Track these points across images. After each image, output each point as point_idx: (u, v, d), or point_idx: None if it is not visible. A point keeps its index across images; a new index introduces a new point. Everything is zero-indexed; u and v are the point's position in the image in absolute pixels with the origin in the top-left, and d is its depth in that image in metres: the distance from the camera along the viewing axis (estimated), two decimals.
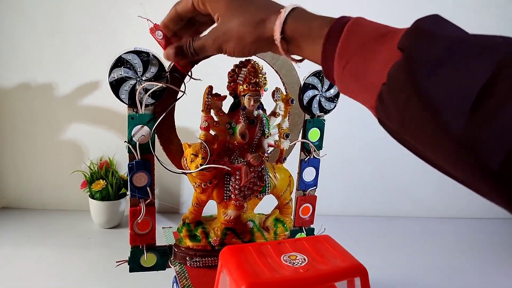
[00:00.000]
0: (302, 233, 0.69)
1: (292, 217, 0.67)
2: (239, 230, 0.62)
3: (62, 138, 1.03)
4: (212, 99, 0.56)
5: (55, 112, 1.01)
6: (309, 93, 0.63)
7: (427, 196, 1.18)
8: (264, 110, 0.60)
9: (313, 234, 0.71)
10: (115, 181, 0.95)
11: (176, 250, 0.60)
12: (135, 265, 0.59)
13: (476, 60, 0.25)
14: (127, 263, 0.58)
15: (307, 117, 0.65)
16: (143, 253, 0.58)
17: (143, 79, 0.52)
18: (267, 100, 0.61)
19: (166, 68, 0.53)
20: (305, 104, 0.64)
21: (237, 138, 0.57)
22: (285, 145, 0.62)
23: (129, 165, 0.54)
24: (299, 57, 0.41)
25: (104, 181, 0.94)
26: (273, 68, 0.62)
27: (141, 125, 0.54)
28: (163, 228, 0.69)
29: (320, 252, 0.48)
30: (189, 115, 0.68)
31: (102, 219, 0.96)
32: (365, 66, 0.32)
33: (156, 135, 0.56)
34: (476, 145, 0.24)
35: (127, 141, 0.54)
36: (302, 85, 0.63)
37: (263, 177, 0.60)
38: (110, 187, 0.94)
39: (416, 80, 0.27)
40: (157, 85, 0.52)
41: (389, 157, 1.14)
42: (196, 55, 0.47)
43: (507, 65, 0.24)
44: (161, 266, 0.60)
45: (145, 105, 0.53)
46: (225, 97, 0.57)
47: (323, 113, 0.65)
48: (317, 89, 0.64)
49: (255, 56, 0.60)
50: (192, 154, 0.54)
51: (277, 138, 0.61)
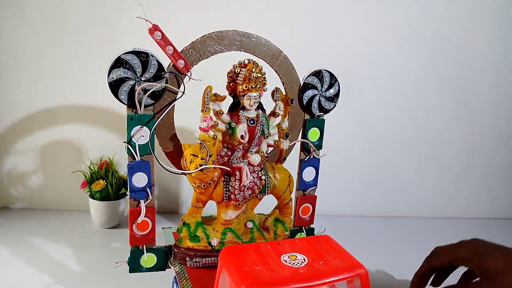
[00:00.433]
0: (302, 233, 0.69)
1: (292, 217, 0.67)
2: (239, 230, 0.62)
3: (62, 138, 1.03)
4: (211, 99, 0.56)
5: (55, 112, 1.01)
6: (309, 93, 0.63)
7: (427, 196, 1.18)
8: (263, 110, 0.60)
9: (313, 234, 0.71)
10: (115, 181, 0.95)
11: (176, 250, 0.60)
12: (135, 266, 0.59)
13: None
14: (127, 264, 0.58)
15: (307, 117, 0.65)
16: (143, 254, 0.58)
17: (142, 79, 0.52)
18: (266, 100, 0.61)
19: (165, 68, 0.53)
20: (304, 104, 0.64)
21: (237, 138, 0.57)
22: (285, 145, 0.62)
23: (128, 165, 0.54)
24: None
25: (104, 181, 0.94)
26: (273, 68, 0.62)
27: (140, 126, 0.54)
28: (162, 228, 0.69)
29: (320, 252, 0.48)
30: (188, 116, 0.68)
31: (102, 219, 0.96)
32: None
33: (155, 136, 0.56)
34: None
35: (126, 141, 0.54)
36: (301, 85, 0.63)
37: (263, 177, 0.60)
38: (110, 187, 0.94)
39: None
40: (156, 86, 0.52)
41: (389, 157, 1.14)
42: None
43: None
44: (161, 266, 0.60)
45: (144, 105, 0.53)
46: (224, 97, 0.57)
47: (322, 113, 0.65)
48: (317, 89, 0.64)
49: (254, 55, 0.60)
50: (191, 154, 0.54)
51: (276, 138, 0.61)
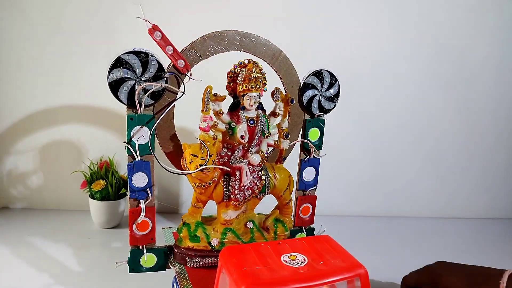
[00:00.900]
0: (302, 233, 0.69)
1: (292, 217, 0.67)
2: (239, 230, 0.62)
3: (62, 138, 1.03)
4: (211, 99, 0.56)
5: (55, 112, 1.01)
6: (309, 93, 0.63)
7: (427, 196, 1.18)
8: (263, 110, 0.60)
9: (313, 234, 0.71)
10: (115, 181, 0.95)
11: (176, 250, 0.60)
12: (135, 266, 0.59)
13: None
14: (127, 264, 0.58)
15: (307, 117, 0.65)
16: (143, 254, 0.58)
17: (142, 79, 0.52)
18: (266, 100, 0.61)
19: (165, 68, 0.53)
20: (304, 104, 0.64)
21: (237, 138, 0.57)
22: (285, 145, 0.62)
23: (128, 165, 0.54)
24: None
25: (104, 181, 0.94)
26: (273, 68, 0.62)
27: (140, 126, 0.54)
28: (162, 228, 0.69)
29: (320, 252, 0.48)
30: (188, 116, 0.68)
31: (102, 219, 0.96)
32: None
33: (155, 136, 0.56)
34: None
35: (126, 141, 0.54)
36: (301, 85, 0.63)
37: (263, 177, 0.60)
38: (110, 187, 0.94)
39: None
40: (156, 86, 0.52)
41: (389, 157, 1.14)
42: None
43: None
44: (161, 266, 0.60)
45: (144, 105, 0.53)
46: (224, 97, 0.57)
47: (322, 113, 0.65)
48: (317, 89, 0.64)
49: (254, 55, 0.60)
50: (191, 154, 0.54)
51: (276, 138, 0.61)
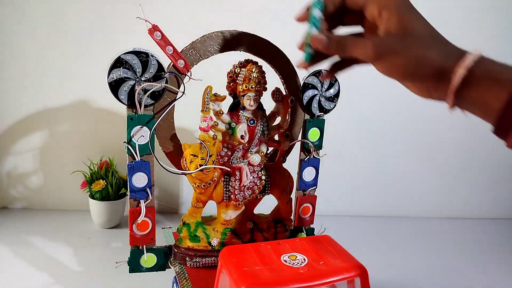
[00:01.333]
0: (302, 233, 0.69)
1: (292, 217, 0.67)
2: (239, 230, 0.62)
3: (62, 138, 1.03)
4: (211, 99, 0.56)
5: (55, 112, 1.01)
6: (309, 93, 0.63)
7: (427, 196, 1.18)
8: (263, 110, 0.60)
9: (313, 234, 0.71)
10: (115, 181, 0.95)
11: (176, 250, 0.60)
12: (135, 266, 0.59)
13: None
14: (127, 264, 0.58)
15: (307, 117, 0.65)
16: (143, 254, 0.58)
17: (142, 79, 0.52)
18: (266, 100, 0.61)
19: (165, 68, 0.53)
20: (304, 104, 0.64)
21: (237, 138, 0.57)
22: (285, 145, 0.62)
23: (128, 165, 0.54)
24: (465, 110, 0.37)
25: (104, 181, 0.94)
26: (272, 68, 0.62)
27: (140, 126, 0.54)
28: (162, 228, 0.69)
29: (320, 252, 0.48)
30: (188, 116, 0.68)
31: (102, 219, 0.96)
32: None
33: (155, 136, 0.56)
34: None
35: (126, 141, 0.54)
36: (301, 85, 0.63)
37: (263, 177, 0.60)
38: (110, 187, 0.94)
39: None
40: (156, 86, 0.52)
41: (389, 157, 1.14)
42: (340, 52, 0.41)
43: None
44: (161, 266, 0.60)
45: (144, 105, 0.53)
46: (224, 97, 0.57)
47: (322, 113, 0.65)
48: (317, 89, 0.64)
49: (253, 55, 0.60)
50: (191, 154, 0.54)
51: (276, 138, 0.61)
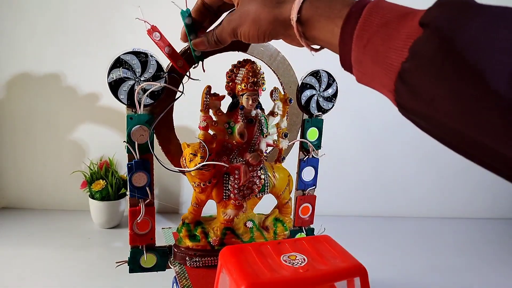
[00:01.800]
0: (302, 233, 0.69)
1: (291, 217, 0.67)
2: (239, 230, 0.62)
3: (62, 138, 1.03)
4: (210, 99, 0.56)
5: (55, 112, 1.02)
6: (307, 93, 0.63)
7: (427, 196, 1.18)
8: (262, 109, 0.60)
9: (313, 234, 0.71)
10: (115, 181, 0.95)
11: (175, 250, 0.60)
12: (135, 266, 0.59)
13: None
14: (127, 264, 0.58)
15: (305, 116, 0.65)
16: (143, 254, 0.58)
17: (142, 79, 0.52)
18: (265, 99, 0.61)
19: (164, 68, 0.53)
20: (303, 103, 0.64)
21: (236, 137, 0.57)
22: (284, 144, 0.62)
23: (128, 165, 0.54)
24: (317, 47, 0.40)
25: (104, 181, 0.94)
26: (271, 68, 0.62)
27: (140, 125, 0.54)
28: (162, 228, 0.69)
29: (320, 252, 0.48)
30: (187, 115, 0.68)
31: (102, 219, 0.96)
32: (385, 45, 0.30)
33: (155, 135, 0.56)
34: None
35: (126, 141, 0.54)
36: (299, 84, 0.63)
37: (262, 177, 0.60)
38: (110, 187, 0.94)
39: (453, 47, 0.26)
40: (155, 86, 0.52)
41: (388, 157, 1.14)
42: (218, 43, 0.46)
43: None
44: (161, 266, 0.60)
45: (144, 105, 0.53)
46: (223, 96, 0.57)
47: (321, 113, 0.65)
48: (315, 89, 0.64)
49: (252, 56, 0.60)
50: (191, 153, 0.54)
51: (275, 137, 0.61)
